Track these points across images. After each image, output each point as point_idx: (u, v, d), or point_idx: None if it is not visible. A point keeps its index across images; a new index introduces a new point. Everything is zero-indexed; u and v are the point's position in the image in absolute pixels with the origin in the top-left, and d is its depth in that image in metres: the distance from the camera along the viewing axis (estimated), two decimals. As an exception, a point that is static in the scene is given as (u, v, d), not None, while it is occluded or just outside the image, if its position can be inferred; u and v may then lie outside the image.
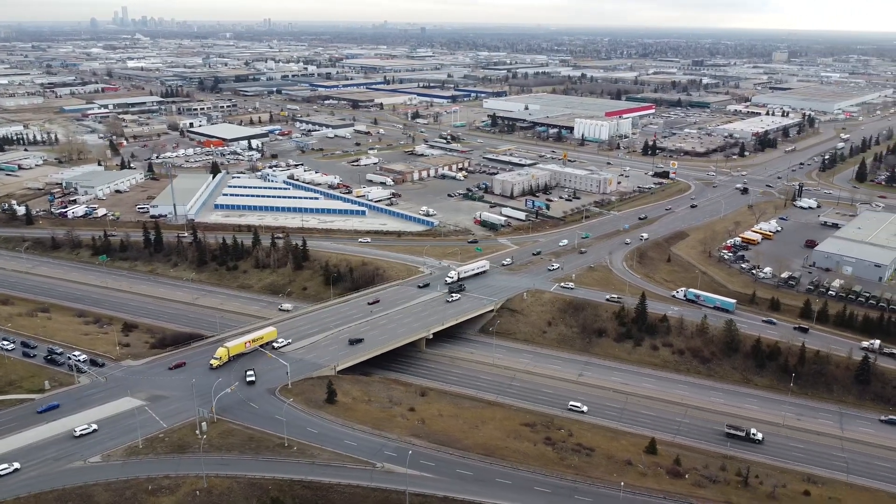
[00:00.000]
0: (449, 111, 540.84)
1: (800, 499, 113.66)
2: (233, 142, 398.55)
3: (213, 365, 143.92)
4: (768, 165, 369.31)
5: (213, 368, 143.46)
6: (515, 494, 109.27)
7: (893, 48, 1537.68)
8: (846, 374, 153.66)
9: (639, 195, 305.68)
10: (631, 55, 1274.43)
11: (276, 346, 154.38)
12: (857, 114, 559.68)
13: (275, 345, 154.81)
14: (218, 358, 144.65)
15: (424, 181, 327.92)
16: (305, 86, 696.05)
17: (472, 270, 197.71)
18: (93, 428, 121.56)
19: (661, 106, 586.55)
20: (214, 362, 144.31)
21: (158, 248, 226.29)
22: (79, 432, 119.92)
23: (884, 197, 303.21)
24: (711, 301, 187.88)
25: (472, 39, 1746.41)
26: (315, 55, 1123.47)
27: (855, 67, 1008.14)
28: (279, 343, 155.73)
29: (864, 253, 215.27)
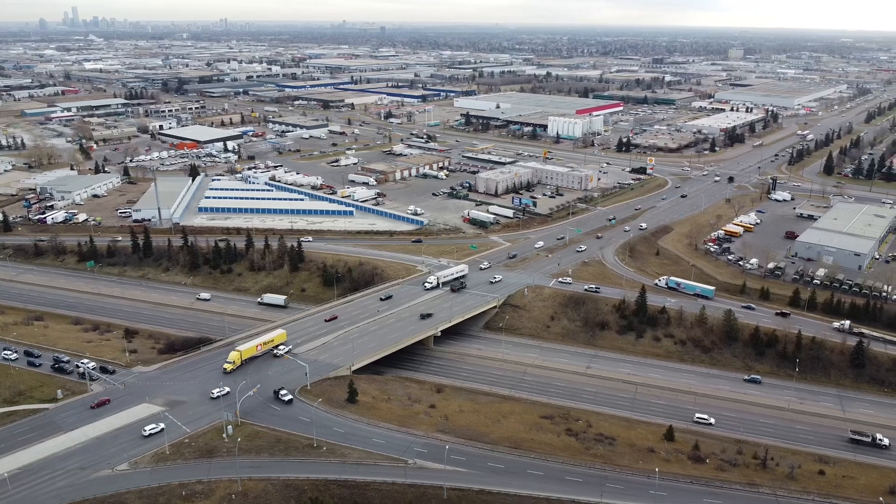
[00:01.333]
0: (421, 111, 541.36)
1: (816, 478, 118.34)
2: (207, 144, 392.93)
3: (227, 369, 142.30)
4: (738, 160, 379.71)
5: (227, 373, 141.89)
6: (548, 485, 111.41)
7: (841, 45, 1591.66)
8: (841, 358, 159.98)
9: (620, 191, 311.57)
10: (592, 53, 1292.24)
11: (277, 355, 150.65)
12: (816, 109, 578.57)
13: (276, 352, 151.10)
14: (231, 362, 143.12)
15: (406, 180, 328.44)
16: (272, 86, 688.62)
17: (451, 275, 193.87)
18: (160, 427, 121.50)
19: (628, 103, 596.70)
20: (228, 366, 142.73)
21: (148, 253, 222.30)
22: (148, 432, 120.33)
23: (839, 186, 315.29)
24: (692, 288, 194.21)
25: (434, 39, 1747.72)
26: (277, 55, 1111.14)
27: (808, 64, 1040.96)
28: (281, 350, 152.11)
29: (844, 243, 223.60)
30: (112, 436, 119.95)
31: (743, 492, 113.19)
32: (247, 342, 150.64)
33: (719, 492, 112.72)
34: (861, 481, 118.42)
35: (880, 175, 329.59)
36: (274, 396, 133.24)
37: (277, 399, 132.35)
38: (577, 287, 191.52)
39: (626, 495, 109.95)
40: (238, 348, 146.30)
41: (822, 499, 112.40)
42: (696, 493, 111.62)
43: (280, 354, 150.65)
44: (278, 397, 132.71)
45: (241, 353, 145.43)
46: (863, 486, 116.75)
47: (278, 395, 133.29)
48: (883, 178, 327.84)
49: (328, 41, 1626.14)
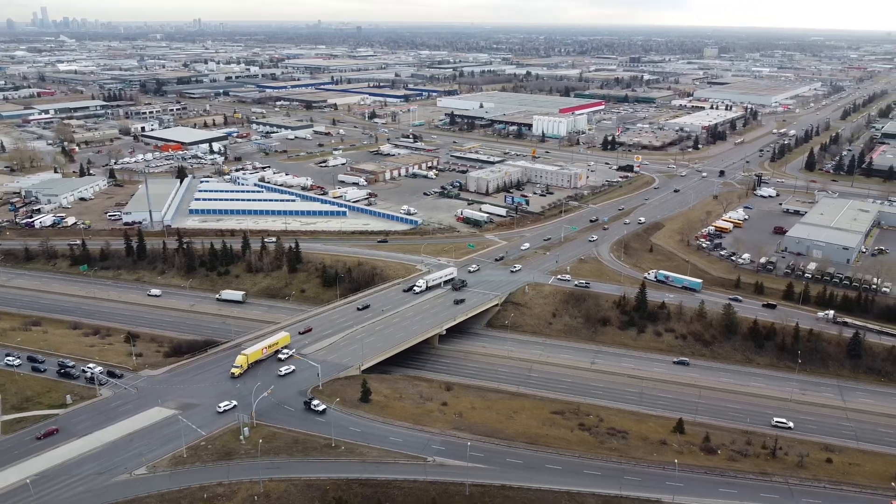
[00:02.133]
0: (405, 110, 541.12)
1: (824, 466, 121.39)
2: (192, 145, 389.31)
3: (235, 374, 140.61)
4: (722, 157, 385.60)
5: (235, 377, 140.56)
6: (568, 479, 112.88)
7: (811, 43, 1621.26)
8: (838, 350, 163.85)
9: (609, 188, 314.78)
10: (569, 53, 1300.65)
11: (282, 359, 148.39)
12: (793, 106, 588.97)
13: (280, 356, 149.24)
14: (238, 366, 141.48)
15: (396, 180, 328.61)
16: (252, 87, 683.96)
17: (440, 278, 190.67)
18: (233, 403, 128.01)
19: (609, 102, 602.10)
20: (235, 370, 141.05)
21: (142, 256, 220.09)
22: (222, 408, 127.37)
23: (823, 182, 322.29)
24: (679, 281, 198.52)
25: (411, 38, 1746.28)
26: (254, 56, 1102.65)
27: (781, 62, 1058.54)
28: (285, 353, 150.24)
29: (832, 237, 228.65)
30: (127, 440, 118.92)
31: (756, 481, 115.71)
32: (252, 346, 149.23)
33: (734, 481, 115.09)
34: (867, 468, 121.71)
35: (860, 171, 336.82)
36: (305, 407, 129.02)
37: (310, 410, 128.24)
38: (576, 284, 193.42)
39: (645, 487, 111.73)
40: (244, 352, 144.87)
41: (832, 486, 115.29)
42: (711, 484, 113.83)
43: (284, 357, 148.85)
44: (310, 408, 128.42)
45: (248, 357, 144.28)
46: (869, 473, 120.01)
47: (310, 405, 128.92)
48: (863, 173, 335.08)
49: (304, 41, 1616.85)
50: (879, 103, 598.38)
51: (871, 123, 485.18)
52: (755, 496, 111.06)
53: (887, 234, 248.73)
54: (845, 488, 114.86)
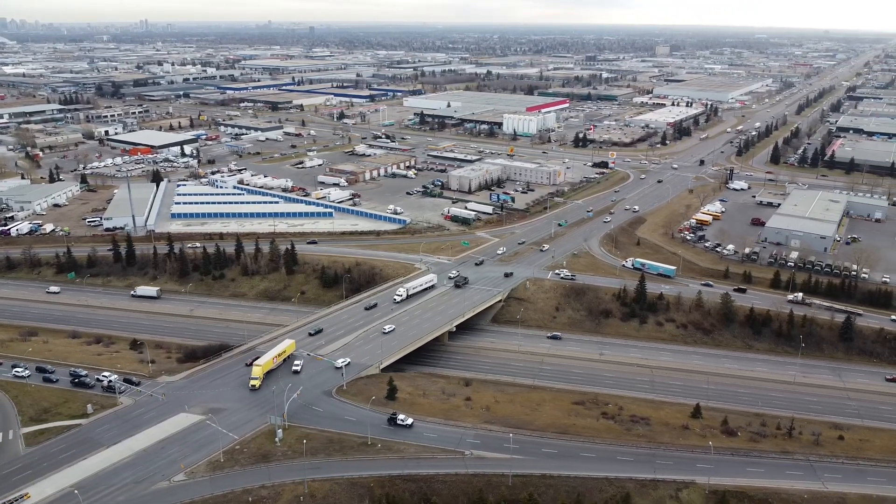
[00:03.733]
0: (373, 110, 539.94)
1: (838, 443, 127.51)
2: (161, 148, 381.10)
3: (256, 385, 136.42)
4: (690, 152, 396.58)
5: (257, 389, 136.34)
6: (603, 466, 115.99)
7: (757, 41, 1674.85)
8: (831, 334, 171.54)
9: (587, 184, 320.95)
10: (525, 52, 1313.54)
11: (297, 371, 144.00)
12: (749, 102, 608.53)
13: (294, 368, 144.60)
14: (257, 378, 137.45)
15: (376, 180, 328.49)
16: (212, 88, 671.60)
17: (420, 286, 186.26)
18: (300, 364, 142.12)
19: (573, 100, 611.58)
20: (255, 382, 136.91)
21: (131, 262, 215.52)
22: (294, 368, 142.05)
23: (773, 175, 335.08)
24: (655, 269, 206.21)
25: (365, 39, 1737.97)
26: (208, 57, 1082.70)
27: (731, 59, 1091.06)
28: (297, 365, 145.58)
29: (809, 227, 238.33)
30: (159, 447, 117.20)
31: (779, 460, 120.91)
32: (263, 355, 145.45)
33: (759, 461, 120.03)
34: (877, 443, 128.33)
35: (824, 163, 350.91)
36: (389, 424, 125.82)
37: (396, 424, 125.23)
38: (579, 278, 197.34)
39: (677, 470, 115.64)
40: (257, 363, 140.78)
41: (849, 461, 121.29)
42: (739, 464, 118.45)
43: (298, 370, 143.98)
44: (397, 423, 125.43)
45: (263, 368, 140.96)
46: (880, 448, 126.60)
47: (396, 420, 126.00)
48: (826, 165, 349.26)
49: (256, 42, 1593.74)
50: (830, 98, 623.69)
51: (826, 118, 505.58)
52: (781, 474, 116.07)
53: (857, 224, 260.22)
54: (861, 463, 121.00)
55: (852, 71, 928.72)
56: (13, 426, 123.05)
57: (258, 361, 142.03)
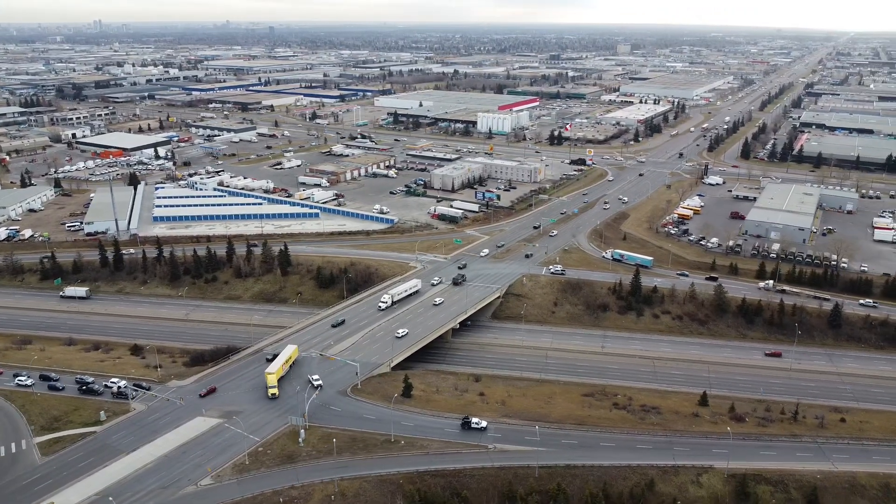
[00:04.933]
0: (344, 110, 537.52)
1: (840, 425, 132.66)
2: (134, 151, 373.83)
3: (275, 394, 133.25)
4: (663, 148, 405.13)
5: (276, 398, 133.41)
6: (624, 454, 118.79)
7: (713, 39, 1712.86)
8: (820, 321, 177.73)
9: (567, 181, 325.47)
10: (489, 51, 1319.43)
11: (315, 385, 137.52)
12: (713, 99, 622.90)
13: (313, 383, 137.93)
14: (273, 386, 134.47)
15: (357, 180, 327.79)
16: (177, 89, 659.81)
17: (405, 292, 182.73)
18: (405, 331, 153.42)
19: (542, 98, 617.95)
20: (274, 391, 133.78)
21: (119, 266, 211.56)
22: (400, 334, 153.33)
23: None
24: (633, 259, 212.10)
25: (326, 38, 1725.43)
26: (168, 57, 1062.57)
27: (691, 57, 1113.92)
28: (316, 380, 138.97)
29: (787, 219, 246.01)
30: (180, 452, 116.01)
31: (789, 442, 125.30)
32: (271, 364, 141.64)
33: (771, 444, 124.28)
34: (876, 424, 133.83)
35: (792, 158, 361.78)
36: (462, 428, 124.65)
37: (471, 428, 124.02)
38: (572, 274, 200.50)
39: (695, 456, 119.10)
40: (269, 372, 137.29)
41: (854, 441, 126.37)
42: (752, 448, 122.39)
43: (318, 385, 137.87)
44: (471, 427, 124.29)
45: (276, 375, 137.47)
46: (880, 428, 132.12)
47: (470, 424, 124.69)
48: (795, 160, 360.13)
49: (216, 42, 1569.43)
50: (790, 94, 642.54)
51: (788, 114, 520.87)
52: (792, 456, 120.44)
53: (830, 215, 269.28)
54: (866, 443, 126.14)
55: (808, 68, 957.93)
56: (25, 436, 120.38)
57: (270, 370, 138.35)
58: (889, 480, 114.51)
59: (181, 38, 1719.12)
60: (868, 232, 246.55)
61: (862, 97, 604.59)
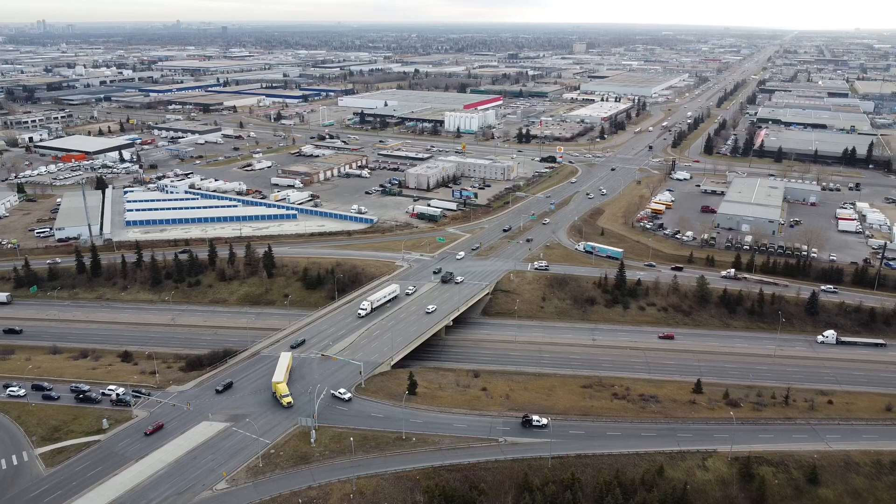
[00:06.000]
0: (308, 111, 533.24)
1: (828, 407, 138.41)
2: (97, 154, 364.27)
3: (291, 402, 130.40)
4: (628, 145, 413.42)
5: (293, 405, 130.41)
6: (630, 442, 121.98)
7: (665, 38, 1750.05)
8: (798, 309, 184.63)
9: (540, 178, 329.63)
10: (447, 51, 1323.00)
11: (342, 398, 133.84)
12: (671, 96, 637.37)
13: (339, 395, 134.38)
14: (288, 395, 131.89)
15: (331, 180, 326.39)
16: (134, 91, 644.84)
17: (383, 298, 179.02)
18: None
19: (505, 97, 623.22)
20: (289, 399, 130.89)
21: (97, 272, 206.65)
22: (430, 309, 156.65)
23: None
24: (604, 251, 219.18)
25: (282, 38, 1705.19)
26: (120, 58, 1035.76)
27: (645, 56, 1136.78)
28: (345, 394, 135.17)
29: (757, 212, 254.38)
30: (190, 457, 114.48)
31: (785, 425, 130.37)
32: (276, 374, 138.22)
33: (768, 427, 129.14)
34: (861, 405, 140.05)
35: (754, 153, 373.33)
36: (523, 426, 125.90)
37: (532, 426, 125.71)
38: (557, 269, 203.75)
39: (698, 441, 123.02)
40: (277, 381, 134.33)
41: (844, 422, 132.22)
42: (750, 432, 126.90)
43: (348, 398, 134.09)
44: (532, 425, 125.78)
45: (284, 382, 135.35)
46: (865, 408, 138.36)
47: (531, 422, 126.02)
48: (756, 154, 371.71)
49: (167, 42, 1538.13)
50: (745, 91, 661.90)
51: (745, 110, 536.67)
52: (789, 438, 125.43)
53: (794, 208, 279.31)
54: (854, 422, 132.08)
55: (758, 65, 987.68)
56: (25, 447, 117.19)
57: (277, 379, 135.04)
58: (880, 457, 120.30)
59: (131, 38, 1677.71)
60: (832, 223, 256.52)
61: (812, 93, 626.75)
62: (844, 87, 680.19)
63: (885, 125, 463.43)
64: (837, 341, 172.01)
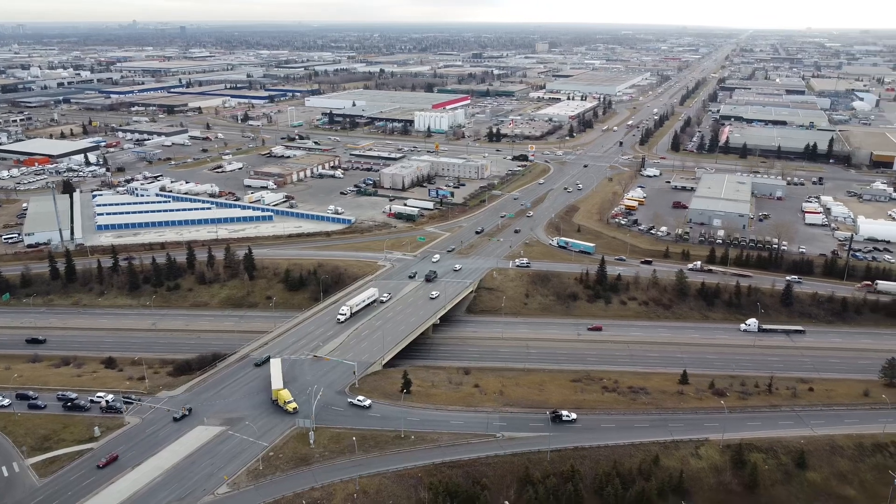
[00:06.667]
0: (275, 111, 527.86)
1: (809, 394, 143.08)
2: (61, 158, 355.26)
3: (297, 408, 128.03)
4: (597, 142, 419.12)
5: (298, 411, 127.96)
6: (625, 433, 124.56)
7: (624, 37, 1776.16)
8: (773, 300, 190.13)
9: (513, 176, 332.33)
10: (411, 50, 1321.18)
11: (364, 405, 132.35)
12: (635, 95, 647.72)
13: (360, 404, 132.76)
14: (292, 400, 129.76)
15: (304, 181, 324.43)
16: (94, 93, 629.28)
17: (363, 303, 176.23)
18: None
19: (473, 96, 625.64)
20: (294, 405, 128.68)
21: (72, 278, 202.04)
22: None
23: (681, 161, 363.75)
24: (577, 246, 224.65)
25: (242, 38, 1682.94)
26: (76, 59, 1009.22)
27: (607, 55, 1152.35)
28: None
29: (728, 207, 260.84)
30: (188, 462, 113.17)
31: (771, 412, 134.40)
32: (274, 381, 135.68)
33: (756, 415, 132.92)
34: (841, 391, 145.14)
35: (720, 149, 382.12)
36: (553, 422, 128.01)
37: (562, 421, 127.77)
38: (538, 266, 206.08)
39: (690, 430, 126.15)
40: (278, 389, 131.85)
41: (826, 407, 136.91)
42: (739, 420, 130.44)
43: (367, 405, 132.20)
44: (562, 420, 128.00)
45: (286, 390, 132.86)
46: (844, 394, 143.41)
47: (561, 418, 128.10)
48: (722, 151, 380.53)
49: (124, 43, 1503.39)
50: (706, 89, 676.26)
51: (707, 107, 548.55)
52: (775, 425, 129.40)
53: (762, 202, 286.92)
54: (836, 408, 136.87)
55: (717, 64, 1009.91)
56: (15, 458, 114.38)
57: (277, 386, 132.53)
58: (862, 440, 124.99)
59: (86, 39, 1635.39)
60: (799, 216, 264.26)
61: (771, 91, 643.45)
62: (801, 85, 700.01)
63: (842, 121, 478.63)
64: (759, 329, 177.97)
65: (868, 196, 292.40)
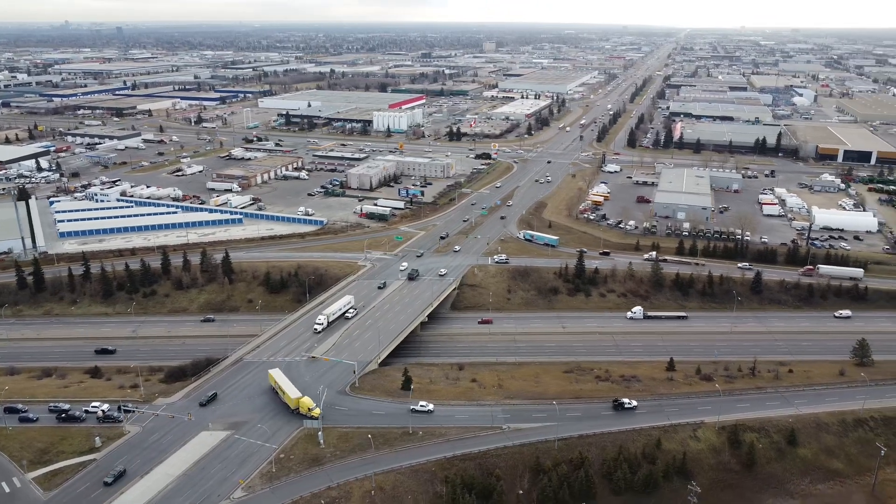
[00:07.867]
0: (228, 113, 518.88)
1: (789, 376, 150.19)
2: (10, 163, 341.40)
3: (323, 415, 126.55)
4: (556, 140, 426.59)
5: (323, 417, 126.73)
6: (625, 420, 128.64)
7: (567, 36, 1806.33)
8: (744, 289, 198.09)
9: (479, 175, 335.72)
10: (359, 50, 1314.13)
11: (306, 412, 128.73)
12: (585, 93, 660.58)
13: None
14: (316, 407, 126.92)
15: (269, 183, 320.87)
16: (34, 96, 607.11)
17: (340, 310, 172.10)
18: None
19: (428, 96, 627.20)
20: (319, 411, 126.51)
21: (41, 287, 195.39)
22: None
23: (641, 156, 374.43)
24: (542, 239, 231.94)
25: (183, 39, 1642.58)
26: (9, 61, 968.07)
27: (553, 54, 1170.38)
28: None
29: (691, 200, 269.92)
30: (198, 469, 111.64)
31: (757, 394, 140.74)
32: (292, 390, 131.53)
33: (744, 397, 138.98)
34: (818, 372, 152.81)
35: (675, 145, 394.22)
36: (615, 409, 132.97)
37: (623, 409, 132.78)
38: (516, 262, 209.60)
39: (686, 414, 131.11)
40: (297, 397, 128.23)
41: (808, 388, 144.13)
42: (729, 402, 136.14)
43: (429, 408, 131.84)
44: (624, 407, 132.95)
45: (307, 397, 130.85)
46: (822, 374, 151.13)
47: (623, 405, 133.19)
48: (676, 146, 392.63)
49: (58, 44, 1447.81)
50: (653, 86, 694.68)
51: (656, 104, 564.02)
52: (763, 405, 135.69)
53: (720, 195, 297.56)
54: (817, 388, 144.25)
55: (660, 62, 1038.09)
56: (14, 473, 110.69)
57: (295, 395, 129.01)
58: (844, 416, 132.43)
59: (17, 40, 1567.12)
60: (756, 208, 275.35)
61: (715, 87, 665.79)
62: (743, 82, 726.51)
63: (785, 116, 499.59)
64: (644, 316, 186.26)
65: (818, 187, 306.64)
